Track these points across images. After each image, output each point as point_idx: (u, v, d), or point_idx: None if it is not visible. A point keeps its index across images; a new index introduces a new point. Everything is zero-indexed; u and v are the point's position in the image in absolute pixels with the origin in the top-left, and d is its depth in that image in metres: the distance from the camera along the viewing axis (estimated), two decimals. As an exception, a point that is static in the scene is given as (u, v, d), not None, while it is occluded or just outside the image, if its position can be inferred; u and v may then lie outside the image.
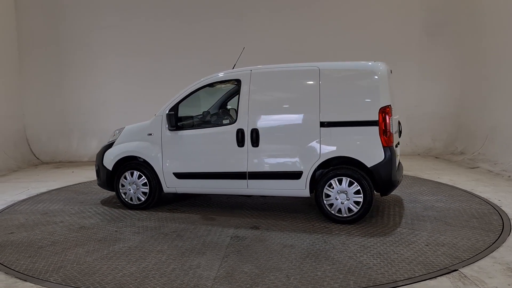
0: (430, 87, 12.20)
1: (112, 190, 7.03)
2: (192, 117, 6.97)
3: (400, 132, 6.76)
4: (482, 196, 7.21)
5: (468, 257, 4.53)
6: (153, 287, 4.00)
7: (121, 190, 6.89)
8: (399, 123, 6.49)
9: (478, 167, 9.93)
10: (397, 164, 6.32)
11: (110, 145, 7.05)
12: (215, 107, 7.39)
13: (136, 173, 6.77)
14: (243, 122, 6.14)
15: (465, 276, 4.10)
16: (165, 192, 6.74)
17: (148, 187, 6.72)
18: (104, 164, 6.98)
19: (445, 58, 12.04)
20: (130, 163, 6.83)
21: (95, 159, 7.30)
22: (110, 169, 6.92)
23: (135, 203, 6.81)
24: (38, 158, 12.27)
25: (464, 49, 11.74)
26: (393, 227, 5.57)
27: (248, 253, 4.78)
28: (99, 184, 7.24)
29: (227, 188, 6.38)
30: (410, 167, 9.80)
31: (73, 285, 4.09)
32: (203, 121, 6.83)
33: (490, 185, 8.03)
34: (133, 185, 6.79)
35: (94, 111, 12.42)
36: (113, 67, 12.38)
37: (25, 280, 4.21)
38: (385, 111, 5.55)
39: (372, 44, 11.87)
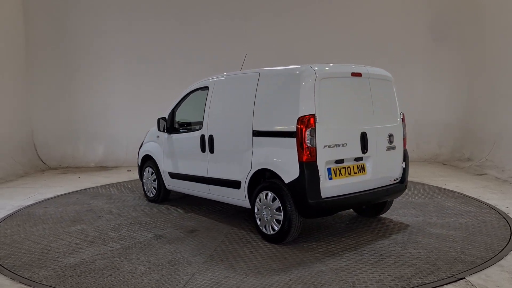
0: (436, 93, 12.10)
1: None
2: (190, 122, 7.41)
3: (393, 147, 5.64)
4: (490, 203, 7.03)
5: (475, 265, 4.42)
6: (26, 261, 4.83)
7: (143, 184, 7.94)
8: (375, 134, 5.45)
9: (485, 173, 9.73)
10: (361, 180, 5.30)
11: (142, 145, 8.16)
12: None
13: (150, 170, 7.69)
14: (205, 128, 6.29)
15: (472, 285, 3.99)
16: (168, 189, 7.44)
17: (156, 183, 7.55)
18: (138, 160, 8.15)
19: (451, 63, 11.92)
20: (148, 161, 7.78)
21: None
22: (140, 165, 8.05)
23: (150, 196, 7.74)
24: (45, 164, 12.15)
25: (470, 54, 11.59)
26: (309, 258, 4.79)
27: (132, 251, 5.05)
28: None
29: (198, 191, 6.63)
30: (416, 174, 9.64)
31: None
32: (187, 126, 7.16)
33: (497, 192, 7.90)
34: (149, 181, 7.74)
35: (101, 116, 12.47)
36: (119, 71, 12.44)
37: (30, 286, 4.22)
38: (304, 121, 4.85)
39: (378, 48, 11.89)
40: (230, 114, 5.93)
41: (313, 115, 4.85)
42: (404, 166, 5.88)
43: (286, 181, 4.98)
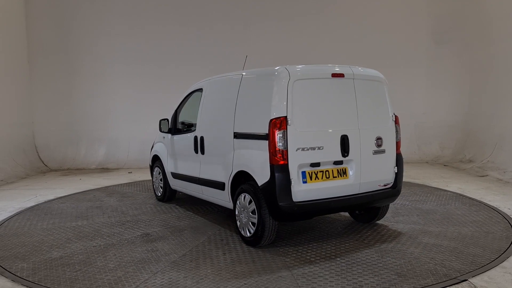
0: (438, 95, 12.23)
1: None
2: (192, 123, 7.50)
3: (381, 151, 5.40)
4: (492, 204, 7.02)
5: (478, 267, 4.43)
6: (14, 252, 5.20)
7: (153, 183, 8.18)
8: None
9: (487, 175, 9.77)
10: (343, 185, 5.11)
11: (153, 145, 8.40)
12: None
13: (157, 170, 7.91)
14: (198, 130, 6.38)
15: (475, 287, 4.00)
16: (173, 189, 7.60)
17: (163, 182, 7.75)
18: (150, 160, 8.41)
19: (453, 66, 12.07)
20: (157, 161, 7.99)
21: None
22: (151, 164, 8.30)
23: (158, 195, 7.96)
24: (46, 166, 12.22)
25: (472, 56, 11.74)
26: (277, 263, 4.71)
27: (112, 248, 5.23)
28: None
29: (194, 191, 6.73)
30: (418, 175, 9.92)
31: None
32: (188, 127, 7.25)
33: (499, 194, 7.87)
34: (157, 180, 7.96)
35: (103, 119, 12.60)
36: (121, 75, 12.55)
37: (30, 288, 4.28)
38: (276, 123, 4.78)
39: (380, 52, 12.02)
40: (217, 115, 5.98)
41: (285, 118, 4.77)
42: (396, 171, 5.61)
43: (259, 184, 4.94)
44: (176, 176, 7.19)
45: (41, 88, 12.68)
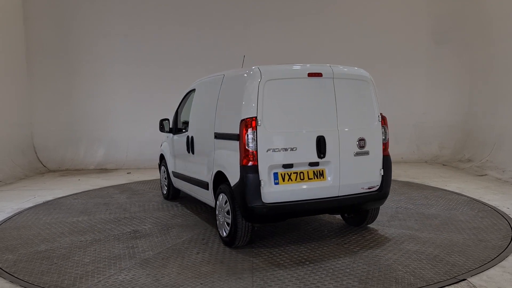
0: (438, 95, 12.28)
1: None
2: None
3: (365, 152, 5.23)
4: (491, 204, 7.05)
5: (477, 266, 4.44)
6: (7, 244, 5.54)
7: (160, 181, 8.38)
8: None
9: (486, 174, 9.82)
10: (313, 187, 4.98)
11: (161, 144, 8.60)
12: None
13: (163, 169, 8.09)
14: (189, 130, 6.48)
15: (474, 286, 4.01)
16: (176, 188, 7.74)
17: (167, 181, 7.92)
18: (158, 159, 8.62)
19: (453, 66, 12.11)
20: (163, 160, 8.18)
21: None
22: (159, 163, 8.51)
23: (164, 193, 8.15)
24: (45, 166, 12.16)
25: (472, 56, 11.78)
26: (244, 264, 4.70)
27: (97, 244, 5.43)
28: None
29: (189, 190, 6.83)
30: (417, 175, 9.98)
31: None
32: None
33: (498, 193, 7.92)
34: (162, 179, 8.16)
35: (102, 119, 12.57)
36: (121, 75, 12.51)
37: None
38: (247, 124, 4.75)
39: (380, 51, 12.06)
40: (203, 115, 6.04)
41: (255, 118, 4.73)
42: (382, 174, 5.38)
43: (232, 184, 4.94)
44: (175, 175, 7.34)
45: (41, 88, 12.68)
